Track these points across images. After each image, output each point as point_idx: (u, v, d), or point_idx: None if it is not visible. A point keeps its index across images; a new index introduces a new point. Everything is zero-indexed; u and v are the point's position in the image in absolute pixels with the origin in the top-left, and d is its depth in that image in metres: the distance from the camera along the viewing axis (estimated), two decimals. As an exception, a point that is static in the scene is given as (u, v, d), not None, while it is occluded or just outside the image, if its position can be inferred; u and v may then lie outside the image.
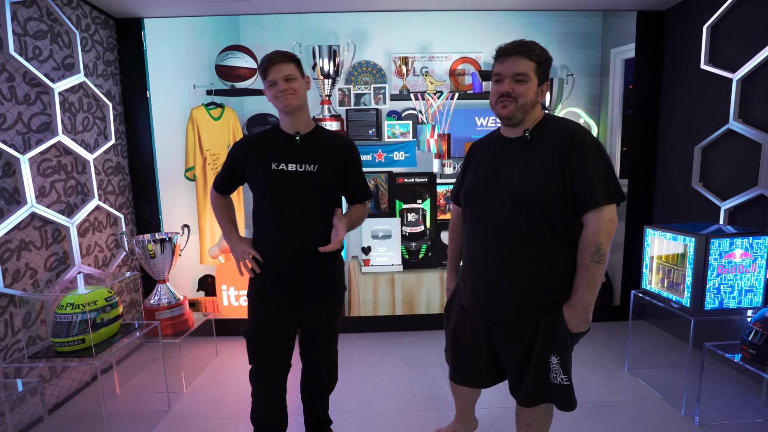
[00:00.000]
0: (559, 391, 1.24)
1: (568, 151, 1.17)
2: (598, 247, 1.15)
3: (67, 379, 2.15)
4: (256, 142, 1.47)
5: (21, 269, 1.90)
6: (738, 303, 1.89)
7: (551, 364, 1.23)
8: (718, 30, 2.36)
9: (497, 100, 1.23)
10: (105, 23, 2.56)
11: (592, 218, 1.16)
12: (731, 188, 2.26)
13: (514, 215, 1.21)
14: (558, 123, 1.24)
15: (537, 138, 1.23)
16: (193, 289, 2.90)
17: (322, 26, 2.72)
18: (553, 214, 1.19)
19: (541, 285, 1.23)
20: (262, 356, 1.49)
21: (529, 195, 1.18)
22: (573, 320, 1.21)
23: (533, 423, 1.38)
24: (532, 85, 1.20)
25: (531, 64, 1.19)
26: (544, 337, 1.23)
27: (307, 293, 1.47)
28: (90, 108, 2.41)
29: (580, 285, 1.19)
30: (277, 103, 1.40)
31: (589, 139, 1.19)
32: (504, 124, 1.29)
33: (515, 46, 1.20)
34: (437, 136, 2.81)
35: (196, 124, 2.75)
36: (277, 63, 1.37)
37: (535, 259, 1.22)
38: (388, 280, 2.90)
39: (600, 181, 1.16)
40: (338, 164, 1.47)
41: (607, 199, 1.16)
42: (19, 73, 1.91)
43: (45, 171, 2.06)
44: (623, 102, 2.85)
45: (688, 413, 1.90)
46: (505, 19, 2.75)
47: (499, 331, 1.31)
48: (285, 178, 1.40)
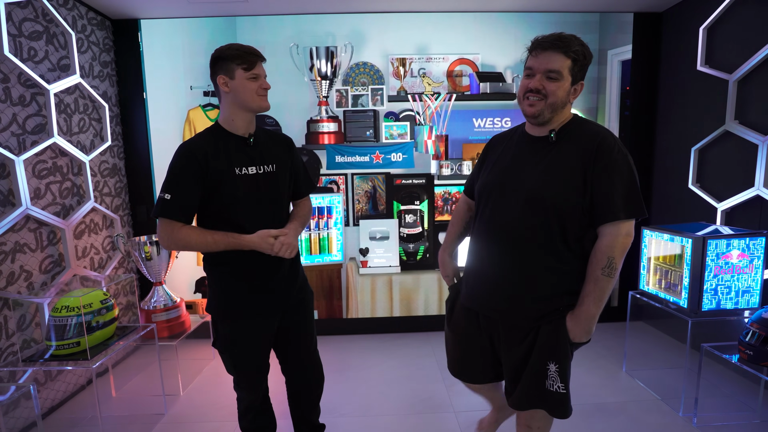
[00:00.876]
0: (554, 398, 1.22)
1: (593, 159, 1.11)
2: (611, 260, 1.12)
3: (62, 383, 2.13)
4: (209, 146, 1.28)
5: (15, 272, 1.89)
6: (735, 304, 1.89)
7: (549, 372, 1.21)
8: (714, 31, 2.37)
9: (525, 96, 1.15)
10: (101, 24, 2.55)
11: (609, 231, 1.12)
12: (728, 189, 2.27)
13: (527, 218, 1.16)
14: (587, 127, 1.18)
15: (563, 140, 1.17)
16: (190, 291, 2.88)
17: (319, 27, 2.72)
18: (568, 222, 1.14)
19: (547, 291, 1.19)
20: (250, 367, 1.43)
21: (545, 199, 1.13)
22: (575, 330, 1.19)
23: (534, 425, 1.36)
24: (564, 84, 1.12)
25: (566, 61, 1.11)
26: (544, 344, 1.21)
27: (285, 298, 1.43)
28: (86, 109, 2.39)
29: (587, 297, 1.15)
30: (257, 101, 1.29)
31: (617, 148, 1.13)
32: (530, 122, 1.21)
33: (552, 39, 1.11)
34: (435, 138, 2.81)
35: (193, 126, 2.74)
36: (261, 60, 1.31)
37: (543, 264, 1.18)
38: (385, 281, 2.90)
39: (622, 193, 1.11)
40: (288, 160, 1.43)
41: (627, 214, 1.11)
42: (14, 74, 1.90)
43: (40, 173, 2.04)
44: (620, 103, 2.86)
45: (686, 414, 1.90)
46: (502, 20, 2.75)
47: (500, 331, 1.29)
48: (249, 182, 1.31)
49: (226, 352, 1.41)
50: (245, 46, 1.29)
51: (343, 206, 2.85)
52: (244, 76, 1.27)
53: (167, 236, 1.27)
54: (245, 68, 1.27)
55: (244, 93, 1.28)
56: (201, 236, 1.28)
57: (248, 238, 1.29)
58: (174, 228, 1.26)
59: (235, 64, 1.26)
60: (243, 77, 1.27)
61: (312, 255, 2.84)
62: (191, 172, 1.25)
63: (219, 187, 1.28)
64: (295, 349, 1.52)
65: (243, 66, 1.26)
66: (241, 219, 1.31)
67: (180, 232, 1.26)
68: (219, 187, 1.28)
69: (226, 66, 1.27)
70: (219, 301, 1.38)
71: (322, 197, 2.79)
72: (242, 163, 1.31)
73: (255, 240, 1.29)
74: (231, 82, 1.28)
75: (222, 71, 1.28)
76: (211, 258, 1.37)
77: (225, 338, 1.40)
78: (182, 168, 1.26)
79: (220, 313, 1.39)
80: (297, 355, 1.53)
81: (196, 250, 1.31)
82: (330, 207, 2.81)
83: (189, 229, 1.28)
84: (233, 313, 1.38)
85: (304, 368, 1.56)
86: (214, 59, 1.30)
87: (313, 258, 2.84)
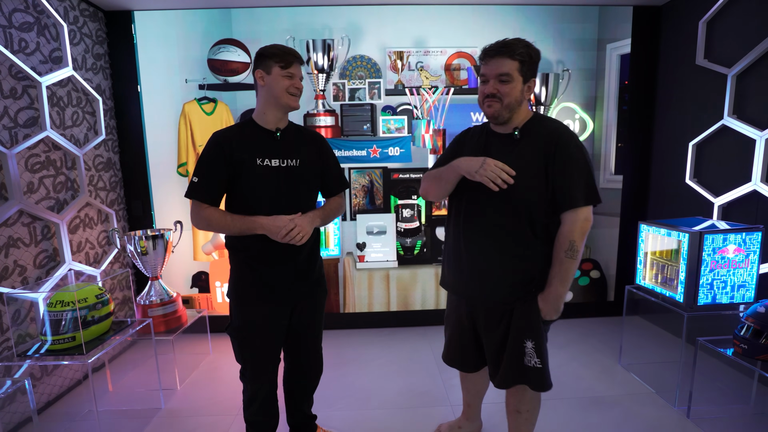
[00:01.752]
0: (533, 373, 1.33)
1: (553, 152, 1.23)
2: (572, 243, 1.23)
3: (58, 377, 2.13)
4: (236, 137, 1.39)
5: (9, 266, 1.87)
6: (731, 298, 1.90)
7: (526, 348, 1.32)
8: (714, 25, 2.35)
9: (483, 100, 1.28)
10: (94, 16, 2.51)
11: (569, 217, 1.24)
12: (725, 184, 2.27)
13: (498, 209, 1.28)
14: (546, 123, 1.29)
15: (526, 137, 1.28)
16: (187, 285, 2.88)
17: (315, 20, 2.68)
18: (534, 211, 1.26)
19: (519, 276, 1.31)
20: (257, 355, 1.47)
21: (514, 191, 1.23)
22: (546, 309, 1.30)
23: (522, 409, 1.44)
24: (516, 85, 1.24)
25: (514, 64, 1.22)
26: (519, 324, 1.32)
27: (300, 288, 1.48)
28: (79, 102, 2.36)
29: (554, 278, 1.27)
30: (286, 97, 1.37)
31: (573, 142, 1.25)
32: (491, 122, 1.34)
33: (497, 46, 1.24)
34: (432, 132, 2.79)
35: (188, 119, 2.71)
36: (299, 62, 1.40)
37: (514, 251, 1.29)
38: (383, 276, 2.90)
39: (580, 183, 1.23)
40: (315, 158, 1.49)
41: (585, 201, 1.24)
42: (5, 66, 1.87)
43: (33, 166, 2.02)
44: (618, 98, 2.85)
45: (681, 407, 1.92)
46: (500, 13, 2.73)
47: (479, 316, 1.40)
48: (270, 174, 1.38)
49: (236, 338, 1.46)
50: (286, 47, 1.39)
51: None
52: (279, 73, 1.36)
53: (194, 215, 1.39)
54: (282, 66, 1.36)
55: (276, 88, 1.36)
56: (221, 216, 1.37)
57: (260, 220, 1.35)
58: (200, 208, 1.37)
59: (274, 61, 1.36)
60: (278, 74, 1.36)
61: (309, 250, 2.83)
62: (217, 159, 1.36)
63: (241, 176, 1.37)
64: (300, 343, 1.57)
65: (280, 63, 1.36)
66: (260, 208, 1.38)
67: (205, 212, 1.37)
68: (241, 176, 1.37)
69: (265, 62, 1.37)
70: (235, 286, 1.45)
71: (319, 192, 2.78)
72: (265, 154, 1.38)
73: (266, 222, 1.35)
74: (267, 77, 1.37)
75: (260, 66, 1.38)
76: (231, 244, 1.45)
77: (236, 323, 1.46)
78: (208, 155, 1.37)
79: (235, 298, 1.46)
80: (300, 348, 1.58)
81: (218, 230, 1.39)
82: (327, 201, 2.80)
83: (213, 210, 1.38)
84: (245, 299, 1.44)
85: (305, 361, 1.61)
86: (256, 56, 1.40)
87: (310, 253, 2.83)
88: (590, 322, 2.95)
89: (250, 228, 1.35)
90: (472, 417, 1.75)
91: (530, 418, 1.46)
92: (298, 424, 1.69)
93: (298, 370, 1.61)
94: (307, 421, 1.70)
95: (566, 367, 2.34)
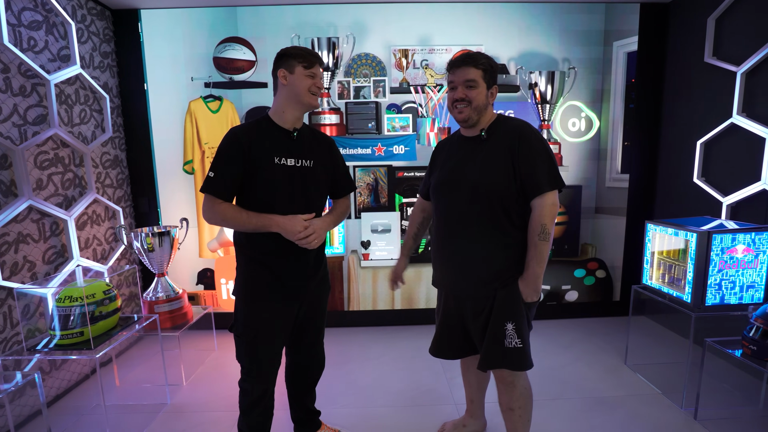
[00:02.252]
0: (513, 354, 1.39)
1: (517, 147, 1.35)
2: (544, 227, 1.33)
3: (66, 372, 2.16)
4: (254, 134, 1.39)
5: (19, 262, 1.90)
6: (739, 299, 1.88)
7: (507, 330, 1.39)
8: (722, 23, 2.32)
9: (453, 105, 1.40)
10: (101, 14, 2.53)
11: (538, 203, 1.34)
12: (733, 183, 2.24)
13: (475, 205, 1.38)
14: (509, 123, 1.42)
15: (492, 137, 1.41)
16: (192, 282, 2.90)
17: (321, 18, 2.69)
18: (507, 203, 1.36)
19: (500, 263, 1.40)
20: (267, 354, 1.46)
21: (486, 187, 1.36)
22: (526, 291, 1.38)
23: (515, 405, 1.48)
24: (482, 90, 1.37)
25: (478, 72, 1.36)
26: (500, 307, 1.40)
27: (309, 284, 1.50)
28: (87, 100, 2.39)
29: (531, 260, 1.36)
30: (308, 96, 1.39)
31: (534, 136, 1.37)
32: (462, 126, 1.44)
33: (463, 58, 1.38)
34: (437, 130, 2.78)
35: (194, 117, 2.73)
36: (321, 64, 1.43)
37: (493, 241, 1.39)
38: (387, 274, 2.88)
39: (543, 171, 1.34)
40: (327, 159, 1.52)
41: (550, 186, 1.34)
42: (14, 65, 1.89)
43: (42, 163, 2.04)
44: (625, 95, 2.82)
45: (688, 408, 1.90)
46: (506, 11, 2.71)
47: (466, 306, 1.47)
48: (286, 173, 1.39)
49: (243, 337, 1.44)
50: (309, 49, 1.42)
51: (345, 199, 2.84)
52: (302, 72, 1.38)
53: (208, 209, 1.38)
54: (305, 66, 1.38)
55: (299, 87, 1.38)
56: (236, 212, 1.37)
57: (277, 219, 1.37)
58: (215, 203, 1.37)
59: (297, 61, 1.38)
60: (301, 73, 1.38)
61: (314, 247, 2.84)
62: (234, 155, 1.36)
63: (257, 173, 1.37)
64: (303, 338, 1.58)
65: (303, 64, 1.38)
66: (274, 206, 1.38)
67: (219, 207, 1.37)
68: (257, 173, 1.37)
69: (288, 62, 1.39)
70: (242, 284, 1.45)
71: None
72: (282, 153, 1.40)
73: (283, 222, 1.36)
74: (290, 76, 1.39)
75: (283, 65, 1.40)
76: (240, 242, 1.45)
77: (242, 320, 1.44)
78: (226, 150, 1.37)
79: (242, 297, 1.45)
80: (304, 343, 1.59)
81: (231, 226, 1.40)
82: (332, 199, 2.81)
83: (227, 206, 1.38)
84: (255, 297, 1.43)
85: (308, 355, 1.62)
86: (278, 56, 1.42)
87: (314, 250, 2.84)
88: (595, 321, 2.93)
89: (266, 225, 1.36)
90: (476, 414, 1.75)
91: (524, 415, 1.49)
92: (302, 419, 1.70)
93: (301, 365, 1.63)
94: (311, 416, 1.71)
95: (571, 367, 2.33)
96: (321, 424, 1.74)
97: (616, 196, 2.91)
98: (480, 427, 1.76)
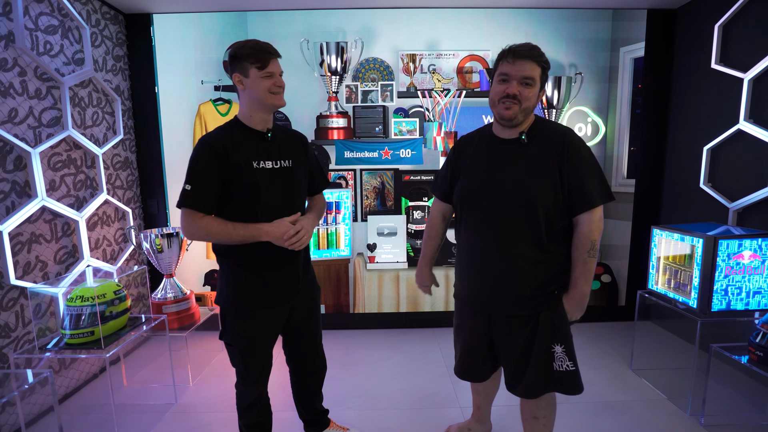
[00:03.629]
0: (565, 377, 1.30)
1: (565, 155, 1.23)
2: (593, 243, 1.25)
3: (75, 371, 2.18)
4: (227, 139, 1.30)
5: (32, 262, 1.93)
6: (746, 305, 1.88)
7: (556, 354, 1.29)
8: (729, 29, 2.33)
9: (500, 100, 1.24)
10: (114, 19, 2.57)
11: (586, 218, 1.25)
12: (740, 189, 2.25)
13: (516, 214, 1.26)
14: (551, 126, 1.30)
15: (532, 140, 1.27)
16: (200, 283, 2.92)
17: (329, 23, 2.72)
18: (551, 213, 1.25)
19: (541, 279, 1.29)
20: (260, 359, 1.44)
21: (530, 195, 1.23)
22: (573, 310, 1.30)
23: (539, 414, 1.41)
24: (536, 90, 1.24)
25: (538, 69, 1.23)
26: (546, 328, 1.29)
27: (295, 292, 1.46)
28: (99, 103, 2.43)
29: (578, 278, 1.27)
30: (270, 98, 1.30)
31: (582, 144, 1.27)
32: (503, 125, 1.29)
33: (528, 48, 1.22)
34: (444, 134, 2.80)
35: (203, 120, 2.76)
36: (275, 57, 1.31)
37: (533, 255, 1.27)
38: (393, 277, 2.91)
39: (594, 184, 1.24)
40: (303, 157, 1.46)
41: (601, 200, 1.25)
42: (31, 68, 1.93)
43: (55, 165, 2.08)
44: (632, 101, 2.83)
45: (694, 414, 1.90)
46: (513, 16, 2.73)
47: (500, 323, 1.36)
48: (267, 176, 1.33)
49: (234, 344, 1.41)
50: (260, 44, 1.30)
51: (352, 202, 2.86)
52: (258, 74, 1.28)
53: (189, 226, 1.29)
54: (259, 67, 1.28)
55: (258, 91, 1.29)
56: (221, 225, 1.29)
57: (265, 227, 1.31)
58: (195, 218, 1.28)
59: (249, 62, 1.28)
60: (257, 76, 1.28)
61: (320, 250, 2.86)
62: (211, 165, 1.27)
63: (237, 180, 1.30)
64: (301, 343, 1.57)
65: (257, 65, 1.28)
66: (258, 212, 1.33)
67: (201, 222, 1.29)
68: (237, 180, 1.30)
69: (240, 65, 1.29)
70: (229, 292, 1.39)
71: (331, 192, 2.81)
72: (260, 157, 1.33)
73: (271, 229, 1.31)
74: (246, 81, 1.30)
75: (237, 70, 1.30)
76: (223, 249, 1.38)
77: (234, 330, 1.40)
78: (202, 160, 1.28)
79: (230, 305, 1.39)
80: (302, 348, 1.58)
81: (216, 240, 1.32)
82: (338, 202, 2.83)
83: (210, 219, 1.30)
84: (243, 305, 1.39)
85: (308, 359, 1.61)
86: (230, 58, 1.31)
87: (321, 253, 2.86)
88: (601, 326, 2.93)
89: (254, 236, 1.30)
90: (482, 419, 1.74)
91: (548, 424, 1.43)
92: (312, 420, 1.71)
93: (304, 368, 1.61)
94: (320, 416, 1.72)
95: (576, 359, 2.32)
96: (330, 422, 1.75)
97: (623, 201, 2.91)
98: (485, 431, 1.77)
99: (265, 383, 1.49)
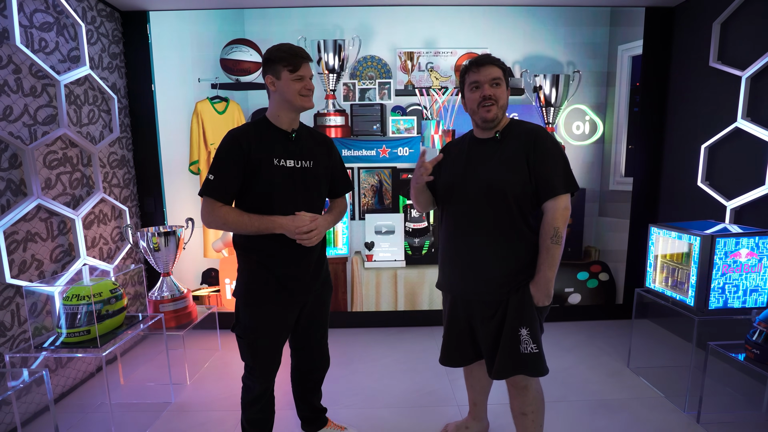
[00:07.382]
0: (529, 359, 1.37)
1: (532, 149, 1.35)
2: (556, 230, 1.33)
3: (72, 370, 2.17)
4: (253, 135, 1.37)
5: (27, 260, 1.92)
6: (743, 303, 1.88)
7: (521, 336, 1.37)
8: (728, 27, 2.33)
9: (480, 105, 1.37)
10: (110, 16, 2.56)
11: (551, 206, 1.34)
12: (738, 187, 2.25)
13: (489, 205, 1.37)
14: (523, 126, 1.42)
15: (506, 138, 1.40)
16: (197, 282, 2.91)
17: (327, 20, 2.71)
18: (522, 203, 1.36)
19: (513, 265, 1.38)
20: (268, 354, 1.47)
21: (502, 186, 1.34)
22: (538, 295, 1.37)
23: (528, 410, 1.46)
24: (504, 88, 1.38)
25: (500, 71, 1.38)
26: (513, 312, 1.38)
27: (308, 290, 1.49)
28: (95, 101, 2.41)
29: (542, 264, 1.35)
30: (299, 99, 1.36)
31: (549, 139, 1.38)
32: (485, 127, 1.41)
33: (487, 56, 1.39)
34: (442, 132, 2.80)
35: (200, 118, 2.75)
36: (307, 61, 1.38)
37: (507, 243, 1.38)
38: (390, 275, 2.91)
39: (558, 174, 1.34)
40: (326, 159, 1.51)
41: (564, 189, 1.34)
42: (26, 65, 1.91)
43: (51, 163, 2.07)
44: (629, 99, 2.83)
45: (691, 412, 1.90)
46: (511, 14, 2.73)
47: (476, 310, 1.45)
48: (286, 174, 1.38)
49: (245, 338, 1.44)
50: (293, 48, 1.36)
51: (349, 200, 2.85)
52: (289, 77, 1.35)
53: (208, 214, 1.36)
54: (290, 70, 1.34)
55: (288, 93, 1.36)
56: (237, 216, 1.36)
57: (280, 220, 1.36)
58: (215, 207, 1.35)
59: (282, 65, 1.34)
60: (288, 78, 1.35)
61: (317, 248, 2.85)
62: (234, 157, 1.34)
63: (257, 175, 1.36)
64: (307, 339, 1.59)
65: (289, 68, 1.34)
66: (274, 207, 1.37)
67: (219, 211, 1.35)
68: (257, 175, 1.36)
69: (273, 67, 1.36)
70: (245, 287, 1.44)
71: (328, 191, 2.80)
72: (281, 155, 1.38)
73: (285, 222, 1.35)
74: (277, 83, 1.36)
75: (270, 72, 1.37)
76: (242, 244, 1.43)
77: (244, 323, 1.44)
78: (226, 152, 1.35)
79: (245, 299, 1.44)
80: (307, 344, 1.60)
81: (232, 229, 1.38)
82: (336, 201, 2.82)
83: (228, 209, 1.37)
84: (258, 300, 1.43)
85: (313, 355, 1.63)
86: (264, 60, 1.38)
87: (318, 251, 2.85)
88: (598, 324, 2.93)
89: (269, 228, 1.35)
90: (479, 417, 1.75)
91: (537, 419, 1.47)
92: (309, 417, 1.72)
93: (307, 365, 1.64)
94: (318, 414, 1.73)
95: (574, 369, 2.33)
96: (327, 421, 1.75)
97: (620, 200, 2.91)
98: (483, 428, 1.77)
99: (271, 379, 1.50)
